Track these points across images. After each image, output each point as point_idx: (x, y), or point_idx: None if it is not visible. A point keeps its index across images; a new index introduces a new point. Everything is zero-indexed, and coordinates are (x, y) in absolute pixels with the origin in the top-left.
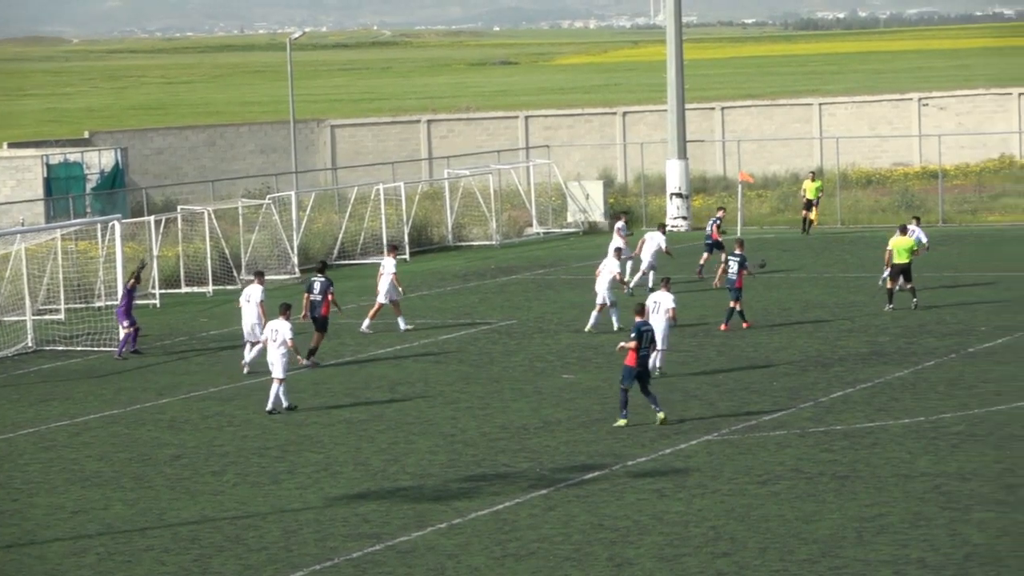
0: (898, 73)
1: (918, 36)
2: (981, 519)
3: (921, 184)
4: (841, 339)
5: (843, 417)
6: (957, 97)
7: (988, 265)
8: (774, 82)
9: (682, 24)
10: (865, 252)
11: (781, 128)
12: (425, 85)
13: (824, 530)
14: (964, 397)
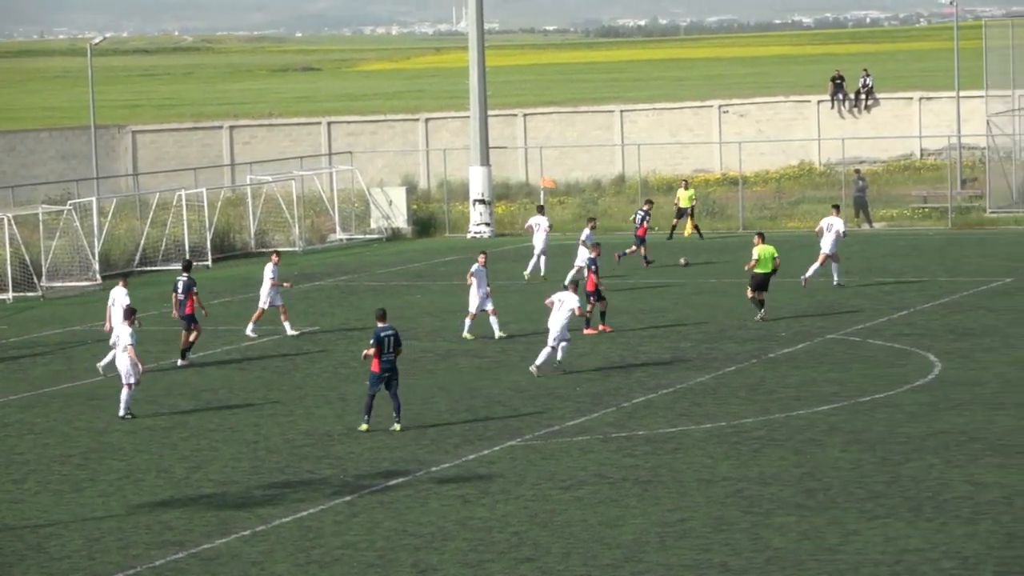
0: (699, 80)
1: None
2: (782, 523)
3: (722, 190)
4: (643, 344)
5: (645, 422)
6: (757, 104)
7: (787, 271)
8: (576, 89)
9: (484, 31)
10: (666, 259)
11: (583, 135)
12: (227, 91)
13: (627, 535)
14: (765, 402)
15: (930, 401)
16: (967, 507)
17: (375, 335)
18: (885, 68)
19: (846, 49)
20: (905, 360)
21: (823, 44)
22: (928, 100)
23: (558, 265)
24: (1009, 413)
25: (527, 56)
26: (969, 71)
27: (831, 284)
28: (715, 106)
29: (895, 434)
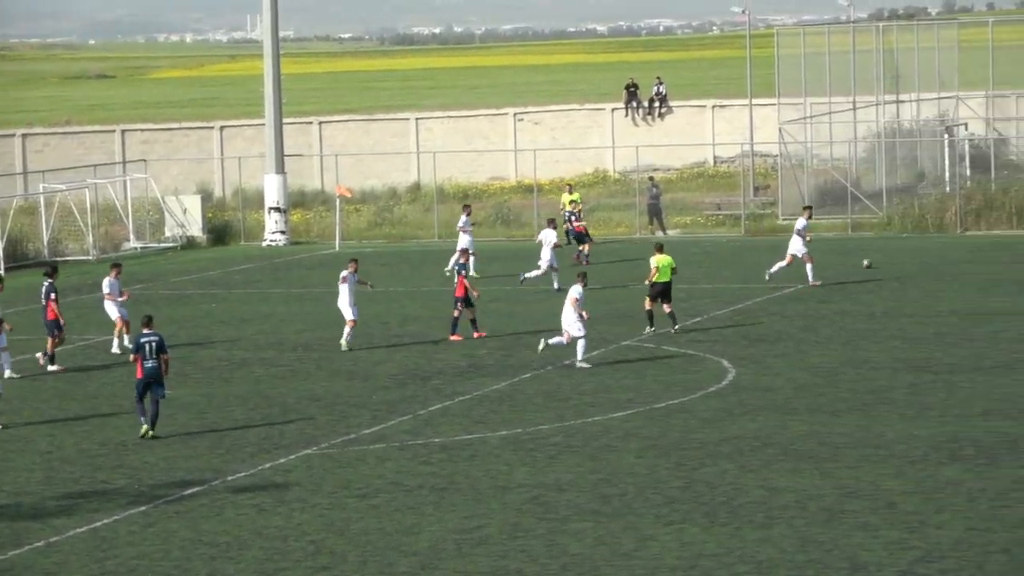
0: (494, 88)
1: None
2: (578, 529)
3: (517, 198)
4: (440, 352)
5: (442, 430)
6: (552, 112)
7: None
8: (371, 97)
9: (279, 38)
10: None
11: (379, 143)
12: (20, 99)
13: (424, 542)
14: (561, 408)
15: (724, 407)
16: (761, 512)
17: (136, 341)
18: (678, 76)
19: (640, 57)
20: (699, 366)
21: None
22: (721, 108)
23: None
24: (801, 418)
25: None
26: (761, 79)
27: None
28: (510, 114)
29: (690, 440)
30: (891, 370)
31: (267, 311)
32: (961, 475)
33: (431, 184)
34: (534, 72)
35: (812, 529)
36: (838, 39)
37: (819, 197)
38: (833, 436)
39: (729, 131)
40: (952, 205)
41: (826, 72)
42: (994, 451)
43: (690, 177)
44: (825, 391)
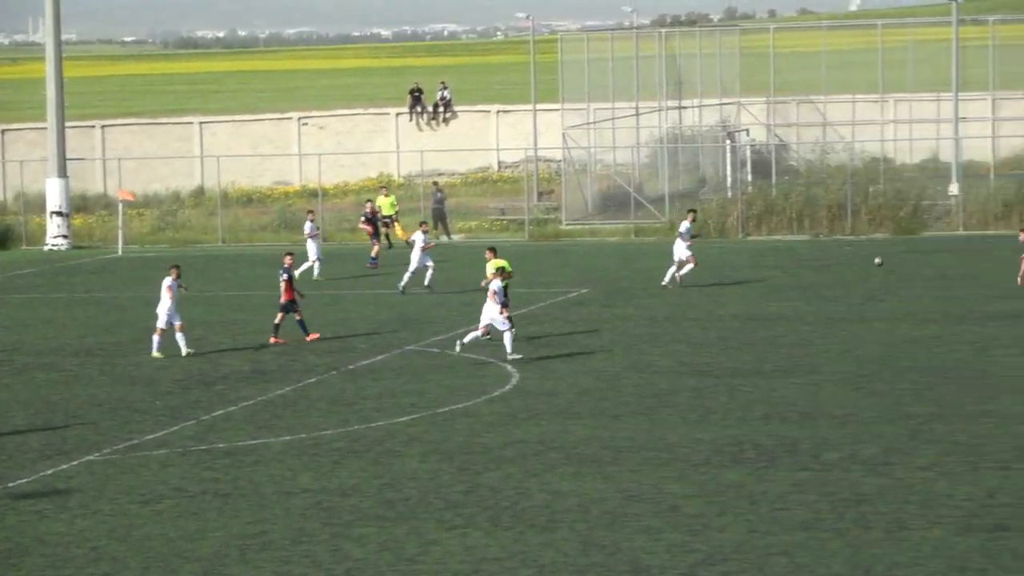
0: (278, 92)
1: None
2: (362, 534)
3: (302, 202)
4: (224, 357)
5: (225, 435)
6: (336, 116)
7: (367, 283)
8: (155, 100)
9: (61, 41)
10: (246, 270)
11: (163, 147)
12: None
13: (207, 548)
14: (345, 414)
15: (508, 411)
16: (544, 516)
17: None
18: (463, 81)
19: (424, 62)
20: (483, 371)
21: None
22: (505, 113)
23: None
24: (584, 422)
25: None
26: (545, 84)
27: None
28: (295, 118)
29: (473, 444)
30: (674, 374)
31: (48, 316)
32: (742, 478)
33: (215, 188)
34: (319, 76)
35: (595, 532)
36: (621, 45)
37: (602, 202)
38: (616, 440)
39: (513, 136)
40: (734, 210)
41: (609, 78)
42: (774, 454)
43: (474, 182)
44: (608, 395)
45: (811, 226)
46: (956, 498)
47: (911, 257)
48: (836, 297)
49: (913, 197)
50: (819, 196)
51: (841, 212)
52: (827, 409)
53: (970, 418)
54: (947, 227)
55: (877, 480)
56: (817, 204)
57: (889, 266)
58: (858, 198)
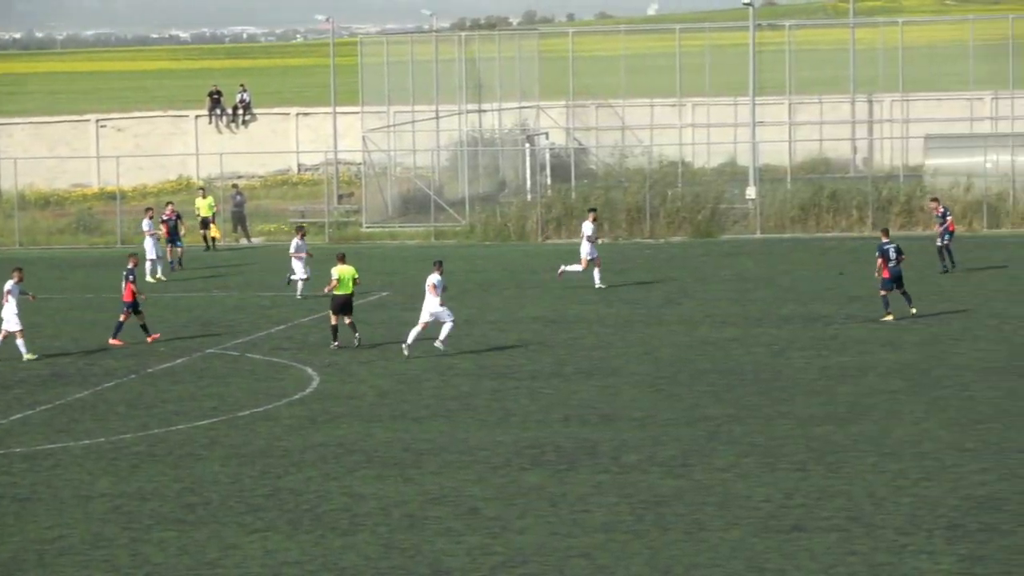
0: (76, 94)
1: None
2: (161, 538)
3: (100, 205)
4: (21, 361)
5: (23, 440)
6: (135, 119)
7: (166, 286)
8: None
9: None
10: (44, 274)
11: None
12: None
13: (4, 553)
14: (144, 417)
15: (309, 414)
16: (345, 519)
17: None
18: (263, 84)
19: (224, 64)
20: (284, 374)
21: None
22: (305, 116)
23: None
24: (385, 425)
25: None
26: (345, 87)
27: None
28: (93, 120)
29: (274, 448)
30: (474, 376)
31: None
32: (543, 480)
33: (12, 191)
34: (117, 78)
35: (396, 535)
36: (421, 48)
37: (403, 205)
38: (416, 442)
39: (313, 139)
40: (533, 214)
41: (409, 81)
42: (574, 456)
43: (274, 184)
44: (409, 398)
45: (610, 229)
46: (754, 499)
47: (709, 260)
48: (635, 300)
49: (711, 200)
50: (618, 199)
51: (640, 215)
52: (626, 411)
53: (767, 420)
54: (745, 230)
55: (676, 482)
56: (616, 207)
57: (688, 269)
58: (657, 201)
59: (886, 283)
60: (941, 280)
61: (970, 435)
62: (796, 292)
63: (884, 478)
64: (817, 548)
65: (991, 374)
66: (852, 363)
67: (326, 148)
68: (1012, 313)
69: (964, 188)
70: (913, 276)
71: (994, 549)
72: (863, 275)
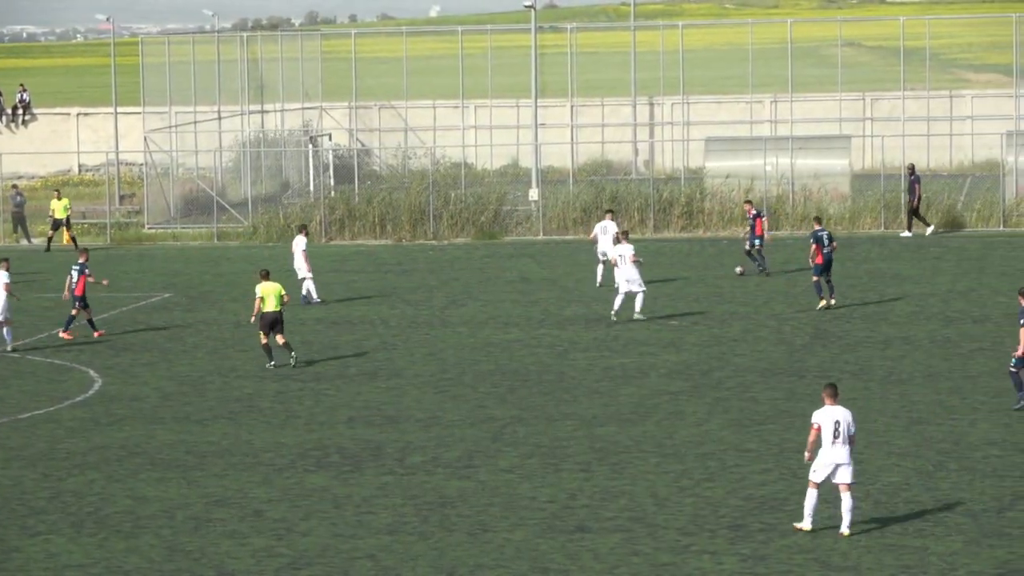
0: None
1: None
2: None
3: None
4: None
5: None
6: None
7: None
8: None
9: None
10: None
11: None
12: None
13: None
14: None
15: (91, 416)
16: (128, 521)
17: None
18: (42, 83)
19: (2, 64)
20: (66, 376)
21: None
22: (86, 116)
23: None
24: (169, 427)
25: None
26: (127, 87)
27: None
28: None
29: (57, 450)
30: (257, 378)
31: None
32: (327, 482)
33: None
34: None
35: (180, 538)
36: (203, 49)
37: (185, 206)
38: (200, 445)
39: (95, 139)
40: (317, 215)
41: (191, 81)
42: (359, 458)
43: (55, 185)
44: (192, 400)
45: (393, 231)
46: (539, 500)
47: (492, 261)
48: (419, 301)
49: (494, 202)
50: (401, 201)
51: (423, 217)
52: (411, 412)
53: (551, 420)
54: (528, 232)
55: (460, 483)
56: (399, 209)
57: (471, 271)
58: (440, 203)
59: (817, 268)
60: (721, 281)
61: (751, 436)
62: (579, 293)
63: (667, 479)
64: (601, 548)
65: (771, 375)
66: (634, 364)
67: (107, 148)
68: (790, 315)
69: (744, 190)
70: (693, 277)
71: (775, 549)
72: (644, 276)
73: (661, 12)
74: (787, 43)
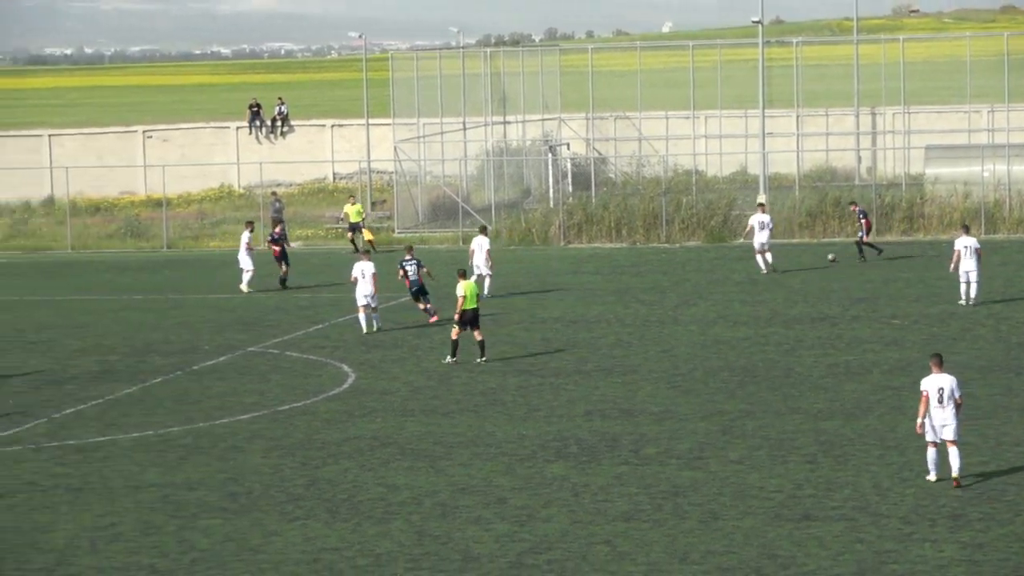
0: (123, 107)
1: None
2: (207, 525)
3: (147, 211)
4: (73, 358)
5: (76, 432)
6: (179, 130)
7: (210, 287)
8: (6, 114)
9: None
10: (94, 276)
11: (12, 158)
12: None
13: (59, 540)
14: (190, 412)
15: (345, 409)
16: (380, 507)
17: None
18: (299, 97)
19: (263, 79)
20: (321, 371)
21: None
22: (340, 127)
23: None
24: (417, 419)
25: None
26: (377, 100)
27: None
28: (139, 131)
29: (313, 440)
30: (500, 373)
31: None
32: (566, 471)
33: (64, 198)
34: (162, 92)
35: (428, 523)
36: (449, 63)
37: (432, 212)
38: (447, 436)
39: (347, 149)
40: (556, 219)
41: (438, 94)
42: (596, 449)
43: (311, 192)
44: (439, 393)
45: (628, 234)
46: (767, 490)
47: (722, 263)
48: (652, 301)
49: (723, 207)
50: (635, 206)
51: (656, 221)
52: (645, 407)
53: (779, 415)
54: None
55: (692, 473)
56: (634, 214)
57: (702, 272)
58: (672, 208)
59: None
60: (939, 283)
61: (970, 430)
62: (804, 294)
63: (889, 470)
64: (826, 536)
65: (988, 372)
66: (857, 361)
67: (360, 158)
68: (1006, 314)
69: (963, 196)
70: (913, 278)
71: (994, 537)
72: (865, 277)
73: (882, 26)
74: (1004, 55)
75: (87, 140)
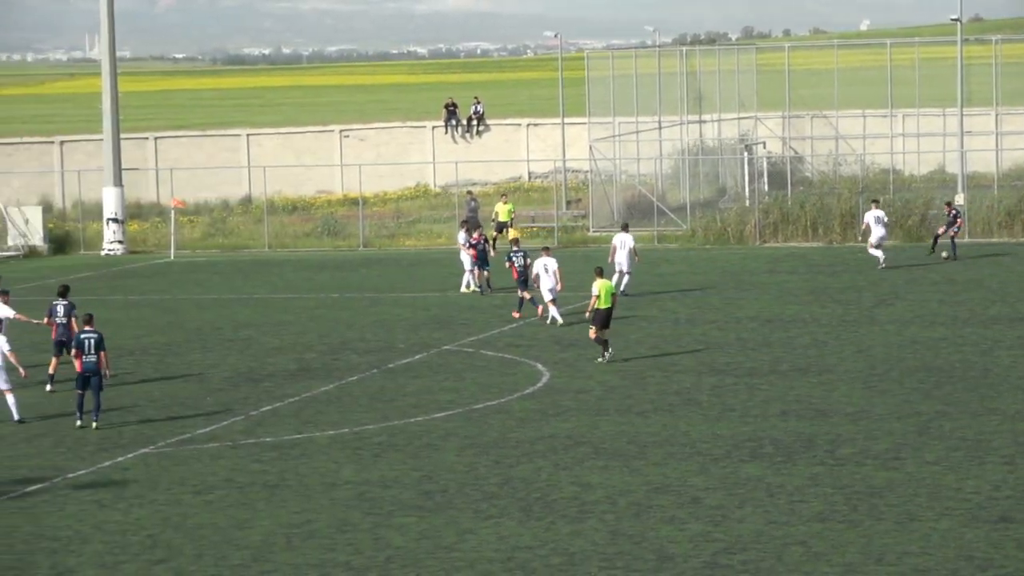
0: (321, 106)
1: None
2: (402, 523)
3: (344, 210)
4: (270, 356)
5: (272, 430)
6: (376, 129)
7: (406, 286)
8: (204, 114)
9: (116, 58)
10: (291, 274)
11: (211, 157)
12: None
13: (256, 536)
14: (385, 409)
15: (539, 407)
16: (573, 507)
17: (76, 338)
18: (495, 96)
19: (459, 78)
20: (515, 370)
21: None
22: (535, 126)
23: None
24: (611, 418)
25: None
26: (573, 99)
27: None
28: (336, 130)
29: (507, 439)
30: (695, 373)
31: (105, 317)
32: (761, 472)
33: (262, 197)
34: (359, 92)
35: (622, 523)
36: (644, 62)
37: (627, 211)
38: (641, 435)
39: (543, 148)
40: (751, 218)
41: (633, 93)
42: (791, 449)
43: (506, 191)
44: (633, 393)
45: (824, 233)
46: (963, 491)
47: (918, 263)
48: (848, 300)
49: (921, 206)
50: (832, 205)
51: (852, 220)
52: (840, 407)
53: (975, 415)
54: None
55: (888, 474)
56: (830, 213)
57: (898, 271)
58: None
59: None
60: None
61: None
62: (1003, 294)
63: None
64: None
65: None
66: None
67: (555, 157)
68: None
69: None
70: None
71: None
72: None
73: None
74: None
75: (285, 140)
